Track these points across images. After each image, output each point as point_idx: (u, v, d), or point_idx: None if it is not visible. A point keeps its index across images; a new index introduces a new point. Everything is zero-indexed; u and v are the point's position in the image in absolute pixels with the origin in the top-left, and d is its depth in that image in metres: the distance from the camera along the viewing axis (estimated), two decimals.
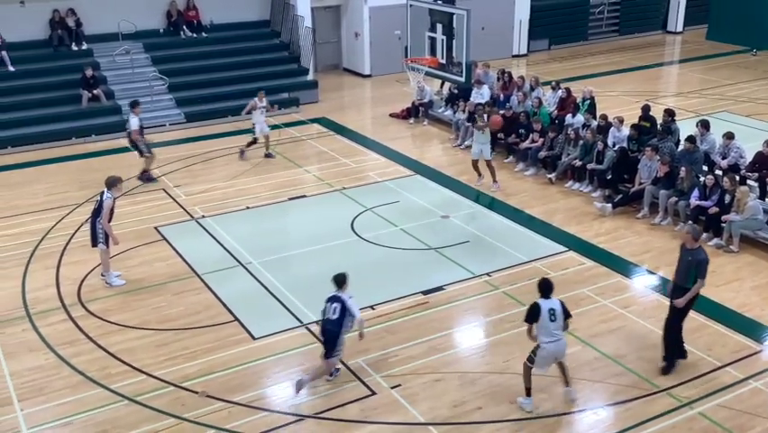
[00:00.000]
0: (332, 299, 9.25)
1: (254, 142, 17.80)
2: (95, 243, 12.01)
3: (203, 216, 14.71)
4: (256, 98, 17.67)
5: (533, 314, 8.67)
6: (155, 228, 14.15)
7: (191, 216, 14.77)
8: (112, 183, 11.92)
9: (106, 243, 11.92)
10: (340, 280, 9.32)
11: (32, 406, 9.24)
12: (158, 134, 19.42)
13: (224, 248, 13.37)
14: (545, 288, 8.76)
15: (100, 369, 9.91)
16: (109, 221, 11.85)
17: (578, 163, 15.87)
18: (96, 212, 11.88)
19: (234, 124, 20.39)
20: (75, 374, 9.83)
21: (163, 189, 16.11)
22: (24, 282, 12.26)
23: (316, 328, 10.61)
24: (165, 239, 13.72)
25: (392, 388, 9.43)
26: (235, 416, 8.96)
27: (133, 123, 16.14)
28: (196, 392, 9.38)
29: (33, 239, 13.77)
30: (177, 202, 15.43)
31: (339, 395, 9.31)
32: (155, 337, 10.64)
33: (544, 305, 8.68)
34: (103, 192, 11.89)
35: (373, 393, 9.34)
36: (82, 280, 12.27)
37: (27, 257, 13.11)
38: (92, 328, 10.89)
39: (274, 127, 20.01)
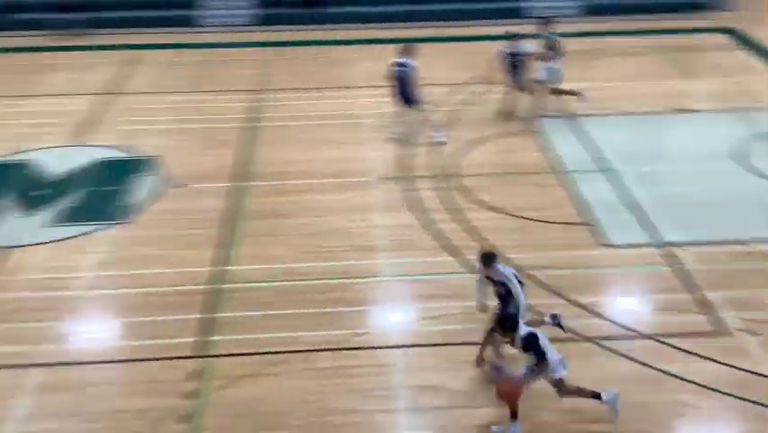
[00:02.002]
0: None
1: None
2: (412, 104, 13.21)
3: (578, 115, 14.49)
4: None
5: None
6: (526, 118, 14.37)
7: (566, 112, 14.64)
8: (412, 50, 13.18)
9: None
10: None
11: (394, 258, 10.32)
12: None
13: (594, 150, 13.11)
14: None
15: (459, 240, 10.62)
16: None
17: None
18: (405, 80, 13.04)
19: (636, 23, 19.31)
20: (436, 239, 10.68)
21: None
22: (402, 150, 13.45)
23: (671, 251, 10.07)
24: (537, 131, 13.87)
25: (746, 332, 8.62)
26: (572, 315, 9.01)
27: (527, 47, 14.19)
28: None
29: None
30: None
31: (683, 324, 8.81)
32: (510, 222, 11.02)
33: None
34: (400, 62, 13.05)
35: (722, 332, 8.66)
36: (457, 156, 13.07)
37: None
38: (458, 201, 11.64)
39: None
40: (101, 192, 12.08)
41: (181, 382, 8.09)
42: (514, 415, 7.18)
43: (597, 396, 7.34)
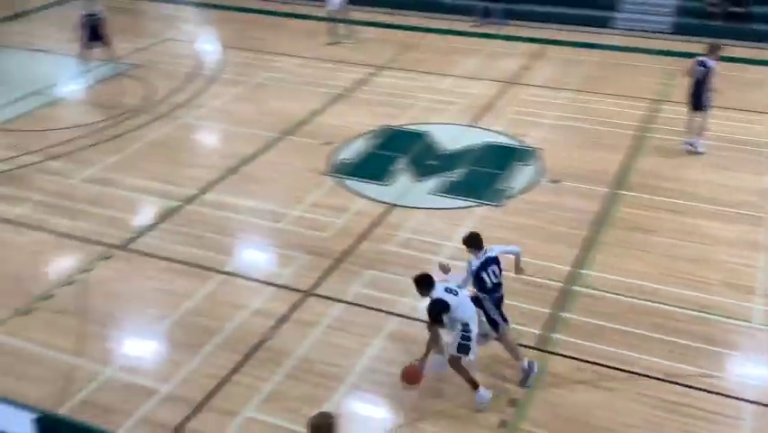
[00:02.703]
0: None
1: None
2: (700, 107, 12.82)
3: None
4: None
5: None
6: None
7: None
8: (717, 50, 12.71)
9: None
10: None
11: None
12: None
13: None
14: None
15: None
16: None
17: None
18: (700, 81, 12.66)
19: None
20: None
21: None
22: None
23: None
24: None
25: None
26: None
27: None
28: None
29: None
30: None
31: None
32: None
33: None
34: (700, 61, 12.69)
35: None
36: None
37: None
38: None
39: None
40: (481, 173, 12.76)
41: (518, 368, 8.29)
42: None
43: (475, 387, 7.71)
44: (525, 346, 8.62)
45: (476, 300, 7.91)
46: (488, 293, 7.95)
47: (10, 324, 9.19)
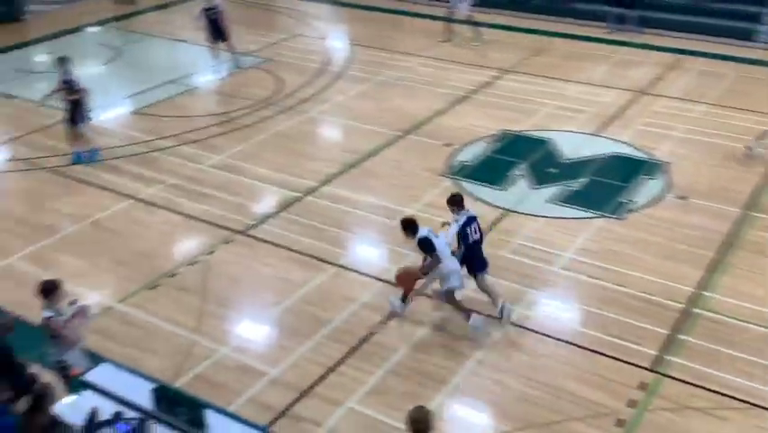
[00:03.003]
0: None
1: None
2: None
3: None
4: None
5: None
6: None
7: None
8: None
9: None
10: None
11: None
12: None
13: None
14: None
15: None
16: None
17: None
18: None
19: None
20: None
21: None
22: None
23: None
24: None
25: None
26: None
27: None
28: None
29: None
30: None
31: None
32: None
33: None
34: None
35: None
36: None
37: None
38: None
39: None
40: (603, 184, 12.40)
41: (629, 388, 8.05)
42: (404, 297, 9.06)
43: (468, 317, 8.77)
44: (638, 366, 8.34)
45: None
46: (469, 248, 8.82)
47: (138, 297, 9.77)
